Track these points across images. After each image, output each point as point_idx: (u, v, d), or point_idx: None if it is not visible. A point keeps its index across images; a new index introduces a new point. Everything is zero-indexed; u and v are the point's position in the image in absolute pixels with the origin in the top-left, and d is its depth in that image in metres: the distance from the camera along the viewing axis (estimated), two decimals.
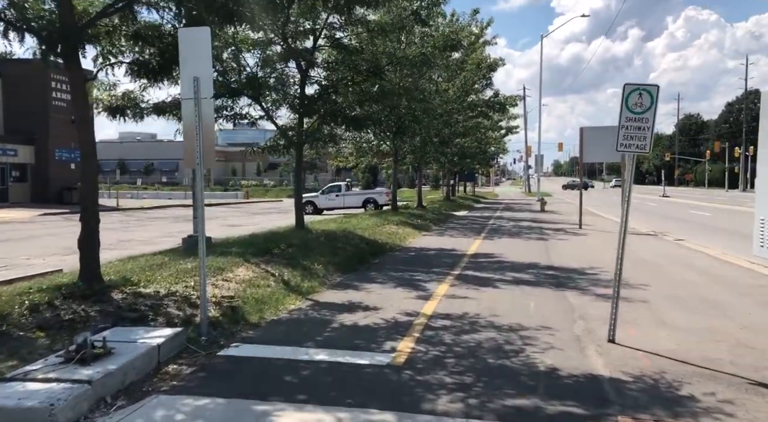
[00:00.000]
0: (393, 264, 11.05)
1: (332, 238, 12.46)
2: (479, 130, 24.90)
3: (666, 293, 8.40)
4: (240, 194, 67.57)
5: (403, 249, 13.57)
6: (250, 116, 13.12)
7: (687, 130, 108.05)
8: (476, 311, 7.11)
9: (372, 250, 12.29)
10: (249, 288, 7.45)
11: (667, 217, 26.35)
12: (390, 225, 17.12)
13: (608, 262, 11.49)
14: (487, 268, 10.61)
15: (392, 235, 15.28)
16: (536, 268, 10.68)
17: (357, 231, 14.52)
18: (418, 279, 9.41)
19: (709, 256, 12.98)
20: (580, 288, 8.69)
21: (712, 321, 6.79)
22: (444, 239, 16.18)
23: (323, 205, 34.68)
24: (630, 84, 5.52)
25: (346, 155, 24.79)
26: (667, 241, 16.08)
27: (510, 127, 41.05)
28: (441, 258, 12.13)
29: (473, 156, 34.32)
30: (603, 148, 19.20)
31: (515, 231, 18.32)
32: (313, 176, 79.61)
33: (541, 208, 30.58)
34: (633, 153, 5.63)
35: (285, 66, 12.86)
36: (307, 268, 9.26)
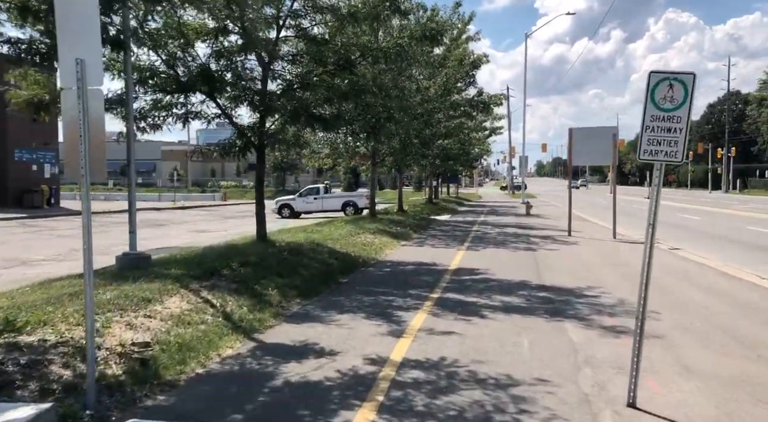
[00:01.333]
0: (364, 285, 9.64)
1: (297, 253, 11.03)
2: (462, 130, 23.61)
3: (680, 323, 7.12)
4: (217, 196, 65.76)
5: (378, 264, 12.17)
6: (205, 114, 11.64)
7: None
8: (457, 354, 5.74)
9: (342, 266, 10.88)
10: (177, 326, 6.00)
11: (659, 222, 25.30)
12: (365, 234, 15.72)
13: (607, 280, 10.23)
14: (471, 289, 9.26)
15: (367, 246, 13.87)
16: (527, 288, 9.36)
17: (327, 242, 13.10)
18: (391, 305, 8.02)
19: (712, 269, 11.81)
20: (580, 317, 7.37)
21: (747, 365, 5.50)
22: (424, 250, 14.82)
23: (301, 209, 33.19)
24: (657, 72, 4.18)
25: (321, 157, 23.33)
26: (663, 251, 14.90)
27: (494, 128, 39.91)
28: (420, 275, 10.76)
29: (456, 158, 33.04)
30: (592, 151, 18.04)
31: (501, 240, 17.03)
32: (294, 177, 77.94)
33: (526, 211, 29.41)
34: (661, 162, 4.29)
35: (244, 58, 11.41)
36: (258, 294, 7.82)
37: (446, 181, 56.95)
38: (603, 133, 17.99)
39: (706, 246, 15.98)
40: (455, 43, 22.03)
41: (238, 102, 11.55)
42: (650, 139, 4.23)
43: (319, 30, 11.64)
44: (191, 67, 10.75)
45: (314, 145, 20.95)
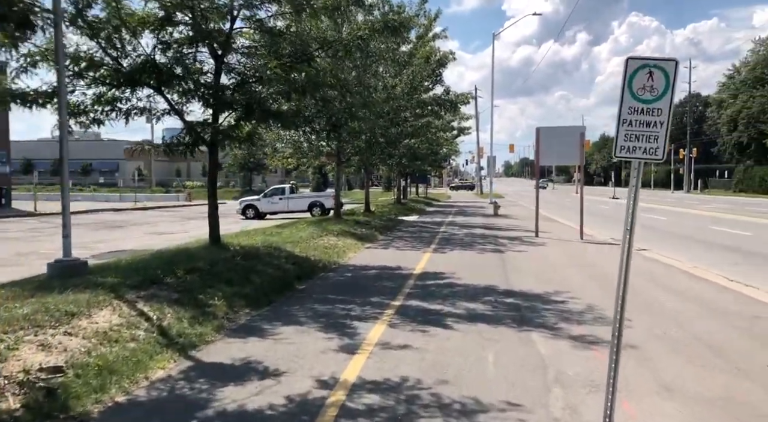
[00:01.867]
0: (322, 292, 9.03)
1: (251, 257, 10.36)
2: (429, 130, 23.15)
3: (653, 330, 6.73)
4: (182, 196, 64.25)
5: (340, 269, 11.57)
6: (154, 110, 10.87)
7: None
8: (418, 373, 5.20)
9: (300, 272, 10.25)
10: (101, 345, 5.32)
11: (622, 222, 25.30)
12: (329, 237, 15.10)
13: (574, 283, 9.85)
14: (435, 295, 8.74)
15: (329, 250, 13.26)
16: (493, 294, 8.89)
17: (286, 245, 12.44)
18: (348, 315, 7.44)
19: (682, 272, 11.55)
20: (548, 326, 6.91)
21: (727, 381, 5.10)
22: (389, 252, 14.28)
23: (266, 209, 32.36)
24: (636, 58, 3.70)
25: (285, 156, 22.61)
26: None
27: (462, 128, 39.65)
28: (382, 280, 10.21)
29: (424, 157, 32.61)
30: (560, 150, 17.76)
31: (468, 241, 16.60)
32: (261, 177, 76.60)
33: (494, 212, 29.17)
34: (639, 160, 3.82)
35: (195, 50, 10.68)
36: (202, 305, 7.16)
37: (415, 181, 56.62)
38: (570, 133, 17.75)
39: (672, 247, 15.84)
40: (422, 40, 21.58)
41: (189, 97, 10.82)
42: (628, 134, 3.75)
43: (277, 22, 10.99)
44: (136, 59, 9.98)
45: (277, 143, 20.23)
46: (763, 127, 62.08)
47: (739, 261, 13.25)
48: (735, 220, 25.86)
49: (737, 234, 19.31)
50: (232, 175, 74.64)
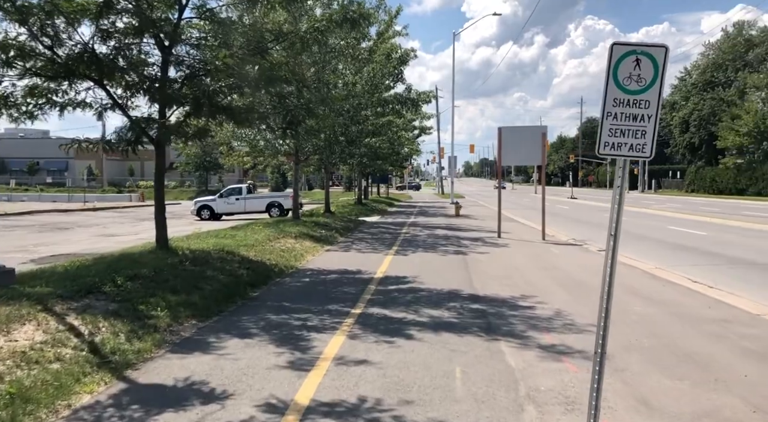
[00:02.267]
0: (277, 300, 8.46)
1: (201, 262, 9.70)
2: (390, 128, 22.71)
3: (625, 338, 6.43)
4: (135, 196, 62.34)
5: (297, 273, 10.99)
6: (95, 104, 10.07)
7: (590, 133, 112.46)
8: (379, 392, 4.73)
9: (254, 278, 9.64)
10: (18, 368, 4.66)
11: (582, 222, 25.46)
12: (286, 239, 14.49)
13: (540, 287, 9.55)
14: (397, 302, 8.29)
15: (286, 253, 12.66)
16: (458, 299, 8.50)
17: (240, 249, 11.79)
18: (305, 325, 6.91)
19: (646, 273, 11.43)
20: (516, 334, 6.54)
21: (710, 394, 4.80)
22: (350, 255, 13.77)
23: (222, 210, 31.41)
24: (621, 44, 3.32)
25: (241, 155, 21.84)
26: (592, 253, 14.60)
27: (423, 127, 39.42)
28: (342, 285, 9.70)
29: (385, 157, 32.19)
30: (521, 151, 17.59)
31: (430, 243, 16.24)
32: (218, 177, 74.82)
33: (455, 212, 29.00)
34: (625, 158, 3.43)
35: (140, 41, 9.94)
36: (143, 316, 6.52)
37: (377, 181, 56.24)
38: (532, 133, 17.61)
39: (633, 247, 15.83)
40: (382, 37, 21.12)
41: (134, 90, 10.08)
42: (613, 129, 3.37)
43: (228, 13, 10.34)
44: (73, 49, 9.19)
45: (233, 141, 19.46)
46: (713, 128, 64.09)
47: (698, 261, 13.27)
48: (690, 220, 26.34)
49: (694, 233, 19.55)
50: (188, 174, 72.69)
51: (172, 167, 76.10)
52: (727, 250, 15.08)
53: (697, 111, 68.12)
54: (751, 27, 69.83)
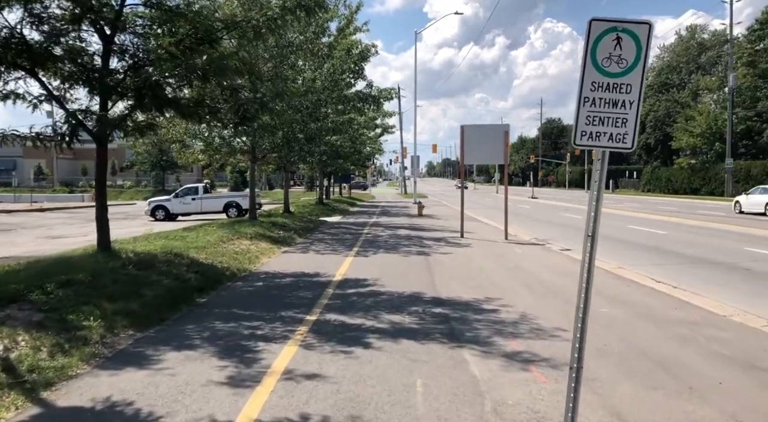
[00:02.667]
0: (226, 306, 7.89)
1: (146, 266, 9.03)
2: (352, 126, 22.19)
3: (595, 344, 6.12)
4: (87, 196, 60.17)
5: (250, 277, 10.40)
6: (28, 95, 9.29)
7: (549, 134, 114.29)
8: (332, 411, 4.26)
9: (202, 282, 9.02)
10: None
11: (544, 221, 25.49)
12: (241, 241, 13.84)
13: (504, 288, 9.23)
14: (356, 307, 7.82)
15: (240, 255, 12.04)
16: (420, 303, 8.09)
17: (190, 251, 11.13)
18: (254, 335, 6.38)
19: (609, 273, 11.26)
20: (481, 341, 6.16)
21: (685, 405, 4.49)
22: (308, 257, 13.23)
23: (177, 210, 30.35)
24: (600, 20, 2.94)
25: (195, 152, 20.99)
26: (555, 252, 14.43)
27: (386, 126, 39.09)
28: (298, 289, 9.17)
29: (347, 156, 31.65)
30: (484, 149, 17.35)
31: (392, 244, 15.83)
32: (175, 176, 72.79)
33: (418, 212, 28.70)
34: (603, 149, 3.06)
35: (78, 28, 9.19)
36: (73, 328, 5.87)
37: (338, 180, 55.58)
38: (495, 131, 17.39)
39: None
40: (343, 33, 20.63)
41: (72, 81, 9.33)
42: (590, 117, 2.99)
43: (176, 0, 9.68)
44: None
45: (186, 138, 18.65)
46: (668, 129, 65.76)
47: (660, 260, 13.22)
48: (649, 219, 26.68)
49: (654, 233, 19.69)
50: (143, 173, 70.56)
51: (128, 166, 73.90)
52: (688, 249, 15.14)
53: (653, 112, 69.80)
54: (703, 31, 72.04)
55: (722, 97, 58.92)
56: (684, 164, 63.24)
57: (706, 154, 60.46)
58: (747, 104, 55.12)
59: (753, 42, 53.77)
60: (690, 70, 67.84)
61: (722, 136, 55.54)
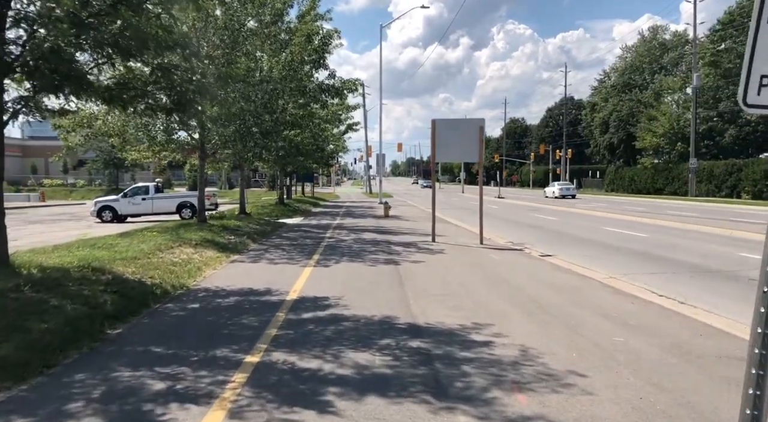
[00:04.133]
0: (143, 342, 6.13)
1: (50, 287, 7.18)
2: (313, 120, 20.41)
3: (627, 396, 4.64)
4: (35, 196, 56.66)
5: (186, 296, 8.61)
6: None
7: (512, 133, 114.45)
8: None
9: (120, 306, 7.22)
10: None
11: (516, 223, 24.26)
12: (183, 248, 12.01)
13: (494, 310, 7.67)
14: (312, 340, 6.18)
15: (178, 267, 10.23)
16: (393, 333, 6.49)
17: (117, 263, 9.28)
18: (167, 392, 4.66)
19: (606, 287, 9.88)
20: (477, 396, 4.59)
21: None
22: (260, 267, 11.48)
23: (126, 211, 28.08)
24: None
25: (140, 149, 18.94)
26: (536, 259, 13.07)
27: (350, 124, 37.38)
28: (242, 313, 7.45)
29: (308, 153, 29.81)
30: (457, 146, 15.88)
31: (357, 250, 14.20)
32: (131, 175, 69.46)
33: (385, 213, 27.15)
34: None
35: None
36: None
37: (301, 179, 53.52)
38: (469, 126, 15.93)
39: (577, 251, 14.50)
40: (303, 20, 18.91)
41: None
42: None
43: None
44: None
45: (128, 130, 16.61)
46: (631, 129, 65.92)
47: (653, 269, 11.98)
48: (622, 220, 25.75)
49: (633, 235, 18.60)
50: (96, 172, 67.09)
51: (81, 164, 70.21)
52: (676, 254, 13.99)
53: (617, 112, 69.97)
54: (665, 31, 72.63)
55: (685, 97, 59.25)
56: (647, 164, 63.49)
57: (669, 154, 60.73)
58: (709, 104, 55.49)
59: (715, 42, 54.11)
60: (653, 70, 68.20)
61: (684, 136, 55.78)
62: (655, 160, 64.05)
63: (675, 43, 68.31)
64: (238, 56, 15.04)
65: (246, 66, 15.30)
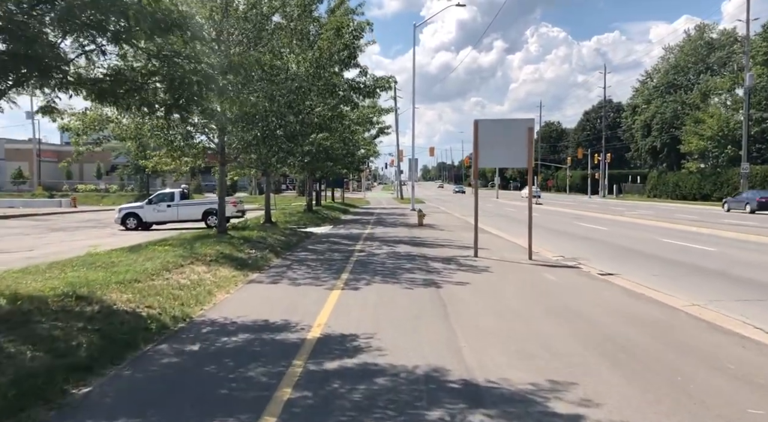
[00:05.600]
0: (111, 412, 4.60)
1: (14, 324, 5.76)
2: (342, 122, 18.92)
3: None
4: (66, 202, 56.81)
5: (185, 333, 7.08)
6: None
7: (547, 137, 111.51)
8: None
9: (99, 349, 5.74)
10: None
11: (561, 233, 22.32)
12: (195, 266, 10.58)
13: (568, 357, 5.84)
14: (338, 408, 4.59)
15: (186, 291, 8.77)
16: (443, 401, 4.83)
17: (111, 287, 7.86)
18: None
19: (692, 317, 8.08)
20: None
21: None
22: (280, 291, 9.95)
23: (151, 219, 27.10)
24: None
25: (160, 155, 17.76)
26: (598, 280, 11.27)
27: (381, 127, 35.81)
28: (249, 362, 5.87)
29: (338, 159, 28.36)
30: (503, 149, 14.16)
31: (391, 267, 12.60)
32: (161, 180, 69.20)
33: (418, 221, 25.49)
34: None
35: None
36: None
37: (331, 185, 52.17)
38: (515, 128, 14.17)
39: (644, 270, 12.64)
40: (332, 14, 17.49)
41: None
42: None
43: None
44: None
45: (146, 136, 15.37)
46: (676, 132, 62.87)
47: (744, 294, 10.08)
48: (676, 230, 23.59)
49: (697, 249, 16.57)
50: (127, 177, 67.08)
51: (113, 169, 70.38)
52: (762, 275, 12.03)
53: (660, 114, 66.93)
54: (711, 30, 69.30)
55: (734, 98, 56.08)
56: (693, 168, 60.39)
57: (717, 158, 57.57)
58: (762, 105, 52.31)
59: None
60: (699, 70, 65.01)
61: (734, 139, 52.64)
62: (701, 164, 60.89)
63: (723, 42, 65.01)
64: (262, 53, 13.66)
65: (270, 63, 13.91)
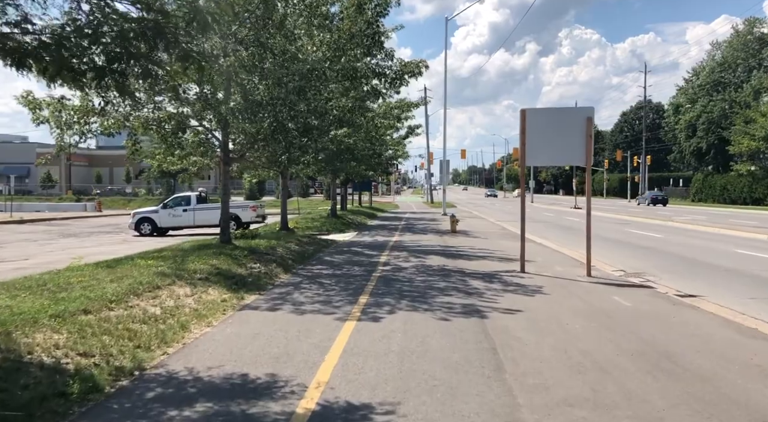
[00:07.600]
0: None
1: None
2: (365, 115, 16.63)
3: None
4: (91, 205, 56.10)
5: (120, 399, 4.89)
6: None
7: None
8: None
9: None
10: None
11: (613, 241, 19.67)
12: (177, 287, 8.47)
13: None
14: None
15: (148, 326, 6.64)
16: None
17: (42, 323, 5.79)
18: None
19: None
20: None
21: None
22: (279, 321, 7.72)
23: (166, 224, 25.45)
24: None
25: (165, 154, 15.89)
26: (682, 305, 8.82)
27: (412, 126, 33.50)
28: None
29: (363, 158, 26.17)
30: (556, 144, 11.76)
31: (421, 287, 10.31)
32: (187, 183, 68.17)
33: (451, 228, 23.12)
34: None
35: None
36: None
37: (357, 188, 50.02)
38: (572, 118, 11.75)
39: (725, 288, 10.18)
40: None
41: None
42: None
43: None
44: None
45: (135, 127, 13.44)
46: (724, 133, 59.03)
47: None
48: (747, 239, 20.76)
49: None
50: (154, 181, 66.22)
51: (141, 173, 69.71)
52: None
53: (706, 114, 63.08)
54: (762, 24, 65.19)
55: None
56: (743, 171, 56.52)
57: None
58: None
59: None
60: (749, 66, 61.04)
61: None
62: (752, 166, 56.92)
63: None
64: (272, 34, 11.62)
65: (282, 47, 11.85)
